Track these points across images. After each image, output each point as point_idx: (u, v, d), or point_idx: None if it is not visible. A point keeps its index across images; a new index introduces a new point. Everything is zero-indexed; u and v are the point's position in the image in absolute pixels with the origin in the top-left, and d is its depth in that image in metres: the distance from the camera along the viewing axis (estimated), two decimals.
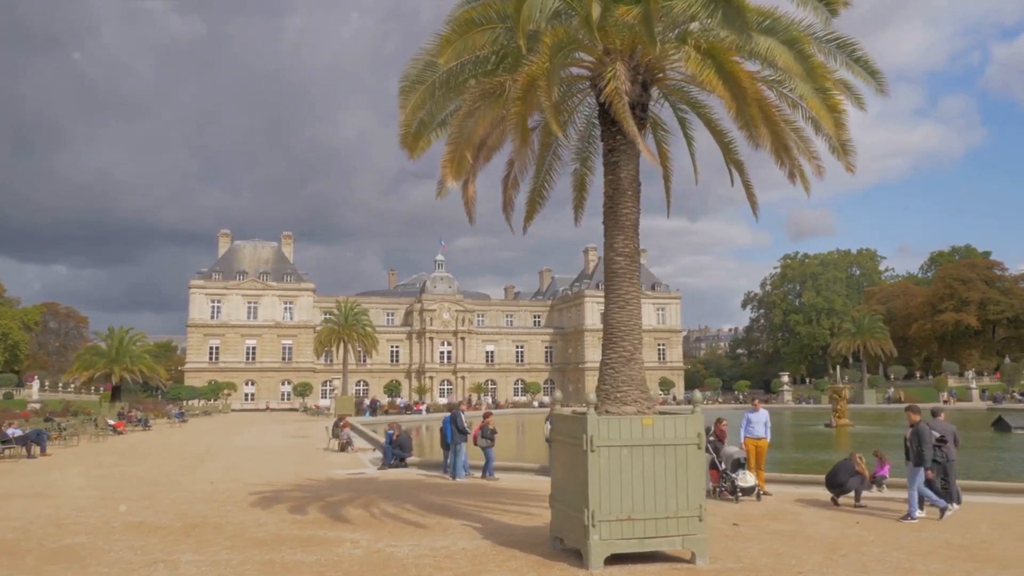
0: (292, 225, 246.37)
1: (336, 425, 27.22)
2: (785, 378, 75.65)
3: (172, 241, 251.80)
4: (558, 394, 9.55)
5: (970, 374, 73.58)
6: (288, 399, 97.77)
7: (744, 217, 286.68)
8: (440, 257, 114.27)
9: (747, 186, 11.16)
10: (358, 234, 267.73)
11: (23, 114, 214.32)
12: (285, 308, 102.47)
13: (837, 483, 13.90)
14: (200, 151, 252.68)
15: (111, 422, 35.11)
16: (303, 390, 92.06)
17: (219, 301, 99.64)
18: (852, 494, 13.90)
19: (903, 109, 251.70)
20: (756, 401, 17.04)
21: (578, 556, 8.87)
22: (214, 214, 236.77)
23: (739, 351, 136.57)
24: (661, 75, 9.93)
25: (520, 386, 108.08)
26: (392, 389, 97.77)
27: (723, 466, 14.39)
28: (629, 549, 8.67)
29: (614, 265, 9.52)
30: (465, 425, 18.26)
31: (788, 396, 73.62)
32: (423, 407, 66.12)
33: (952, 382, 74.59)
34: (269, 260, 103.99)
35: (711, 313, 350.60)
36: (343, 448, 26.18)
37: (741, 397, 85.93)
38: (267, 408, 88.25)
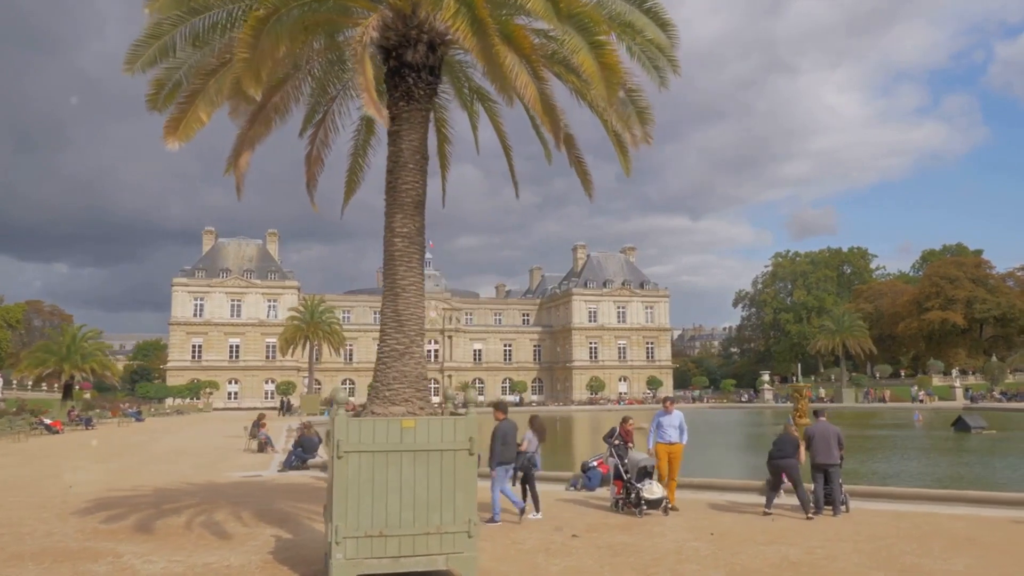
0: (294, 224, 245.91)
1: (255, 425, 26.21)
2: (766, 377, 74.41)
3: (174, 240, 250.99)
4: (342, 394, 8.36)
5: (954, 372, 72.24)
6: (272, 398, 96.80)
7: (747, 216, 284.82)
8: (428, 255, 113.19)
9: (579, 163, 10.07)
10: (360, 233, 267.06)
11: (26, 113, 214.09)
12: (269, 306, 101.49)
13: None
14: (202, 150, 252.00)
15: (47, 421, 34.15)
16: (286, 388, 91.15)
17: (202, 299, 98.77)
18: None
19: (906, 107, 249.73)
20: (668, 402, 14.86)
21: None
22: (216, 213, 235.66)
23: (732, 350, 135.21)
24: (449, 36, 8.83)
25: (508, 385, 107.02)
26: None
27: (628, 475, 12.78)
28: (380, 569, 7.61)
29: (391, 248, 8.45)
30: None
31: (769, 395, 72.49)
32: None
33: (937, 381, 73.29)
34: (253, 258, 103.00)
35: (712, 312, 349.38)
36: (262, 448, 25.19)
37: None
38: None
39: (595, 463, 16.88)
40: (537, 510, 12.25)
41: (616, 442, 13.93)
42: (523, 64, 7.33)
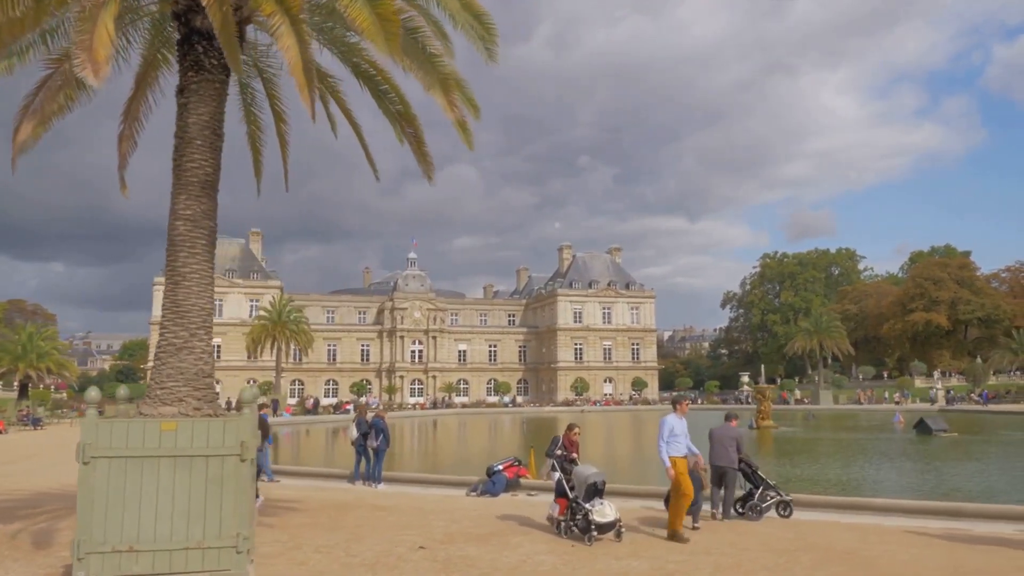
0: (292, 224, 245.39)
1: None
2: (745, 378, 73.59)
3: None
4: (93, 392, 7.53)
5: (936, 374, 71.47)
6: None
7: (744, 218, 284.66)
8: (412, 255, 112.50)
9: (419, 143, 9.25)
10: (356, 234, 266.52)
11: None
12: (251, 306, 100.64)
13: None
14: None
15: None
16: (266, 388, 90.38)
17: None
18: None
19: (905, 109, 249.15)
20: (683, 403, 11.61)
21: None
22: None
23: (720, 351, 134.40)
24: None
25: (492, 385, 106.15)
26: (361, 388, 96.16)
27: (575, 493, 10.80)
28: None
29: (173, 232, 7.69)
30: None
31: (748, 396, 71.67)
32: (350, 406, 64.40)
33: (920, 382, 72.49)
34: (236, 257, 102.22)
35: (708, 313, 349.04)
36: None
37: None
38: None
39: (501, 467, 16.12)
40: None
41: (560, 453, 12.16)
42: (290, 25, 6.54)
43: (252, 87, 9.92)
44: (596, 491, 10.71)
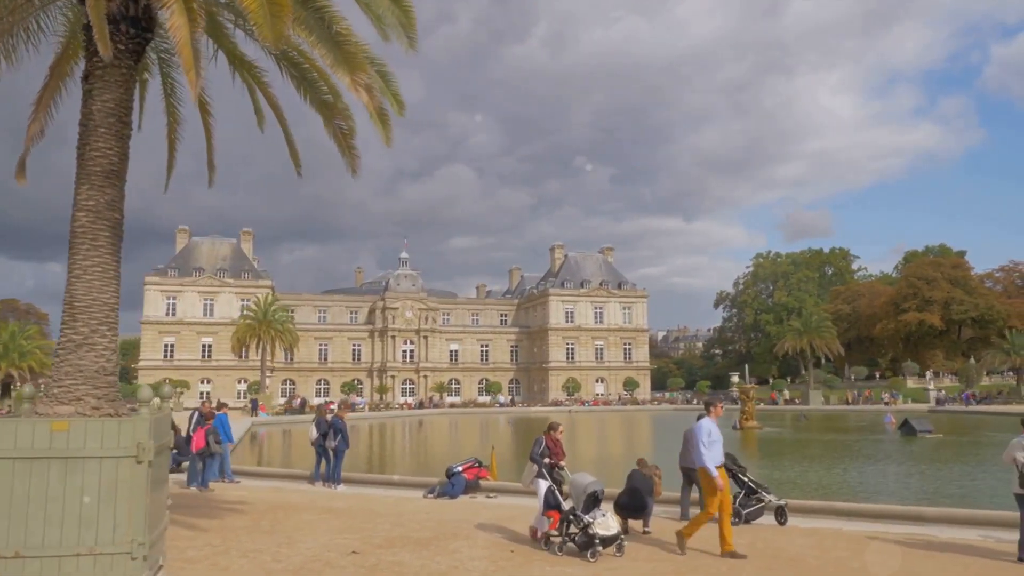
0: (288, 225, 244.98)
1: None
2: (735, 378, 73.21)
3: (167, 240, 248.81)
4: None
5: (928, 375, 71.19)
6: (244, 397, 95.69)
7: (741, 218, 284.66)
8: (404, 255, 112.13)
9: (343, 135, 8.92)
10: (352, 234, 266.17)
11: (21, 111, 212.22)
12: (243, 305, 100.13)
13: (639, 506, 10.96)
14: (195, 150, 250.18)
15: None
16: (256, 388, 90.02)
17: (174, 298, 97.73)
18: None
19: (902, 109, 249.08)
20: (718, 405, 10.63)
21: None
22: (208, 213, 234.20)
23: (714, 351, 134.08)
24: None
25: (484, 385, 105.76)
26: (352, 388, 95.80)
27: (571, 503, 9.85)
28: None
29: (75, 224, 7.39)
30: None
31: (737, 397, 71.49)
32: (334, 405, 64.10)
33: (912, 383, 72.20)
34: (227, 257, 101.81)
35: (705, 314, 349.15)
36: None
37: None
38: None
39: (460, 468, 15.77)
40: None
41: (548, 461, 10.68)
42: (181, 4, 6.23)
43: (173, 77, 9.59)
44: (596, 501, 9.72)
